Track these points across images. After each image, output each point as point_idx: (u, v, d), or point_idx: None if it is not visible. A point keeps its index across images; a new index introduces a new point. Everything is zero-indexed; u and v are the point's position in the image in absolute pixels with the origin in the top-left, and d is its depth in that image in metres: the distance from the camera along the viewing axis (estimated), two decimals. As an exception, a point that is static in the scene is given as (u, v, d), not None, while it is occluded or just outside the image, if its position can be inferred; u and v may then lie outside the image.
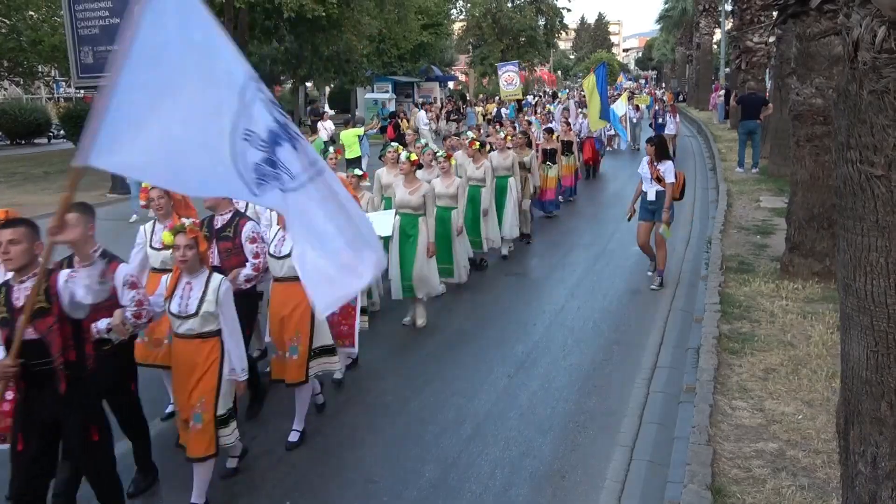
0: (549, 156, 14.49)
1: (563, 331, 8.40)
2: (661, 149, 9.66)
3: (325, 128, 22.88)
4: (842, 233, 2.92)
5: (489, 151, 11.51)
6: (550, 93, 48.76)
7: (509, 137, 11.80)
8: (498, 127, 13.78)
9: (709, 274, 9.57)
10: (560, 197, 15.28)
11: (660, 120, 23.15)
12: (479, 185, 10.44)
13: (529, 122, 18.21)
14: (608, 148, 24.77)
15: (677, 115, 23.30)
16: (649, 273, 10.25)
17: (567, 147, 15.70)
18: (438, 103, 33.58)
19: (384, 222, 7.92)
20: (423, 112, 28.37)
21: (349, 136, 18.70)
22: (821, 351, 6.84)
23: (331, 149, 9.15)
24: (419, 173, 9.83)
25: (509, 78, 26.77)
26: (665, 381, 6.83)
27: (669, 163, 9.60)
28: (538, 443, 5.82)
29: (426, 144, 10.42)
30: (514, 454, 5.65)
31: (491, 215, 10.69)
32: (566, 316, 8.93)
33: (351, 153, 17.93)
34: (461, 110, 32.50)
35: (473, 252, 10.31)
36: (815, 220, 8.94)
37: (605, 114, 18.39)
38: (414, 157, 8.49)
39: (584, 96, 27.57)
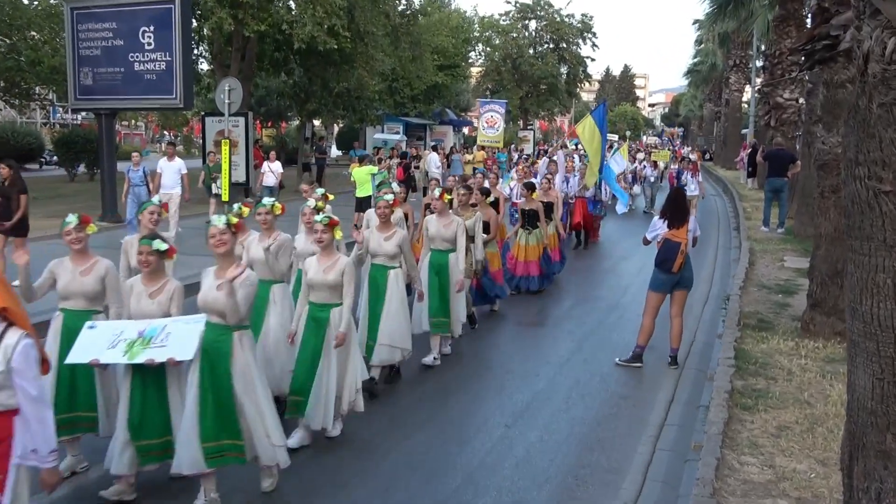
0: (528, 218, 12.45)
1: (568, 382, 8.38)
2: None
3: (272, 170, 20.66)
4: (850, 255, 2.96)
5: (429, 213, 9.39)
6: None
7: (446, 197, 8.91)
8: (439, 183, 11.34)
9: (725, 330, 9.57)
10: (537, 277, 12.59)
11: (682, 180, 22.64)
12: (388, 266, 7.93)
13: (482, 174, 15.21)
14: (626, 209, 21.00)
15: (699, 174, 22.60)
16: (617, 361, 9.08)
17: (548, 211, 13.01)
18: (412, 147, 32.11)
19: (184, 338, 5.25)
20: (434, 154, 28.60)
21: (362, 173, 18.96)
22: (839, 411, 6.80)
23: (236, 206, 6.67)
24: (299, 241, 7.84)
25: (491, 120, 23.87)
26: (673, 439, 6.80)
27: (655, 219, 8.97)
28: (533, 495, 5.78)
29: (322, 199, 8.40)
30: (506, 504, 5.61)
31: (395, 309, 7.86)
32: (572, 368, 8.91)
33: (362, 191, 18.16)
34: (448, 157, 30.98)
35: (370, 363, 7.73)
36: (838, 275, 8.96)
37: (601, 168, 15.88)
38: (245, 210, 6.38)
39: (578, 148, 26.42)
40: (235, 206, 6.53)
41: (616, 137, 54.81)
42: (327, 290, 6.44)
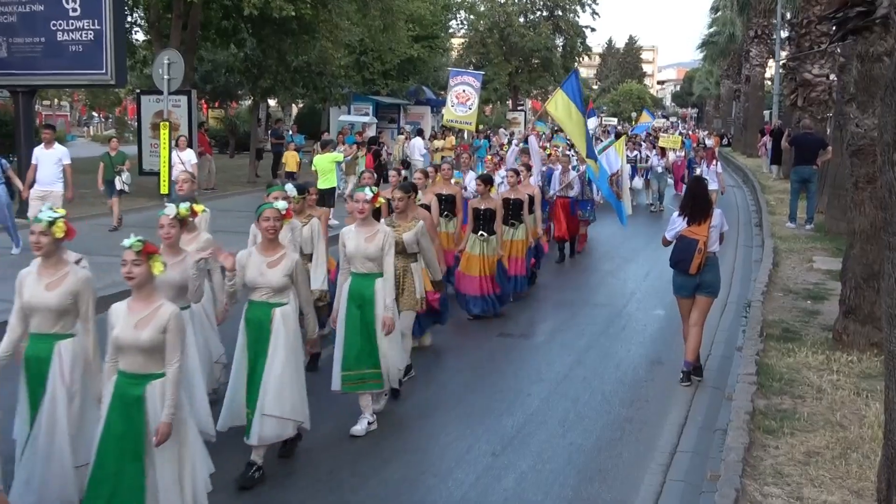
0: (483, 221, 11.35)
1: (565, 403, 8.42)
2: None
3: (182, 160, 18.45)
4: (887, 253, 2.99)
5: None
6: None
7: (380, 199, 8.05)
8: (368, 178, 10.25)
9: (745, 341, 9.64)
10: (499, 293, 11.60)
11: (696, 172, 22.29)
12: (272, 303, 6.59)
13: (429, 169, 12.93)
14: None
15: (718, 164, 21.67)
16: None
17: (515, 210, 12.09)
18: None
19: None
20: (419, 139, 28.46)
21: (324, 161, 18.89)
22: (876, 433, 6.86)
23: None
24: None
25: (463, 95, 20.93)
26: (686, 467, 6.86)
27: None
28: (524, 533, 5.82)
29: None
30: (494, 545, 5.64)
31: (283, 364, 6.52)
32: (569, 386, 8.95)
33: (325, 182, 18.05)
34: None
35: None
36: (875, 278, 9.02)
37: (589, 150, 14.72)
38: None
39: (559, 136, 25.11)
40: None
41: (615, 122, 53.71)
42: (142, 355, 5.09)
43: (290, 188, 8.48)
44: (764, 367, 8.70)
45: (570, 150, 20.80)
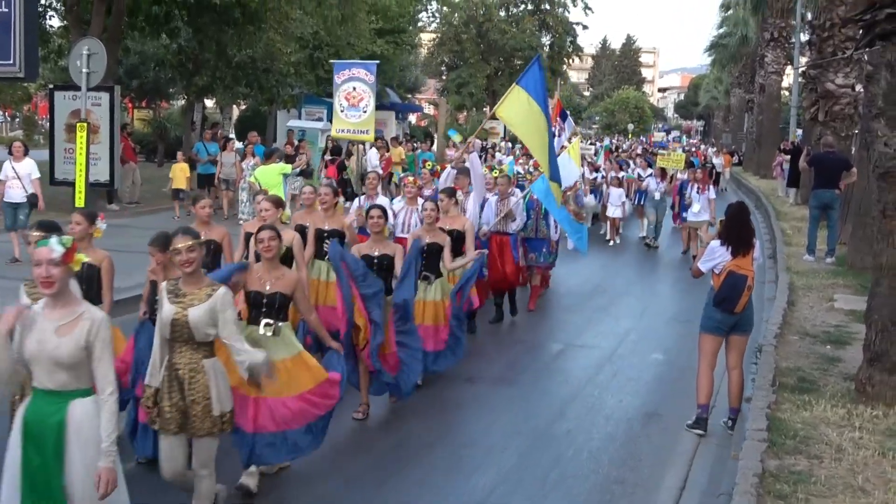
0: (378, 274, 9.08)
1: (546, 461, 8.46)
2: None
3: (19, 174, 16.62)
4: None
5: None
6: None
7: (78, 258, 5.35)
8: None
9: (755, 392, 9.71)
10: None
11: (687, 198, 20.91)
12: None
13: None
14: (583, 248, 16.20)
15: (711, 189, 20.79)
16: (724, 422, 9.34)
17: (432, 258, 10.36)
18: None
19: None
20: (374, 150, 28.55)
21: (270, 174, 18.78)
22: (904, 500, 6.95)
23: None
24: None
25: (354, 95, 17.62)
26: (686, 538, 6.91)
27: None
28: None
29: None
30: None
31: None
32: (551, 441, 9.00)
33: None
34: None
35: None
36: (905, 321, 9.14)
37: (553, 169, 12.67)
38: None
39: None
40: None
41: (600, 144, 51.77)
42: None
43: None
44: (776, 421, 8.74)
45: (524, 167, 20.30)
